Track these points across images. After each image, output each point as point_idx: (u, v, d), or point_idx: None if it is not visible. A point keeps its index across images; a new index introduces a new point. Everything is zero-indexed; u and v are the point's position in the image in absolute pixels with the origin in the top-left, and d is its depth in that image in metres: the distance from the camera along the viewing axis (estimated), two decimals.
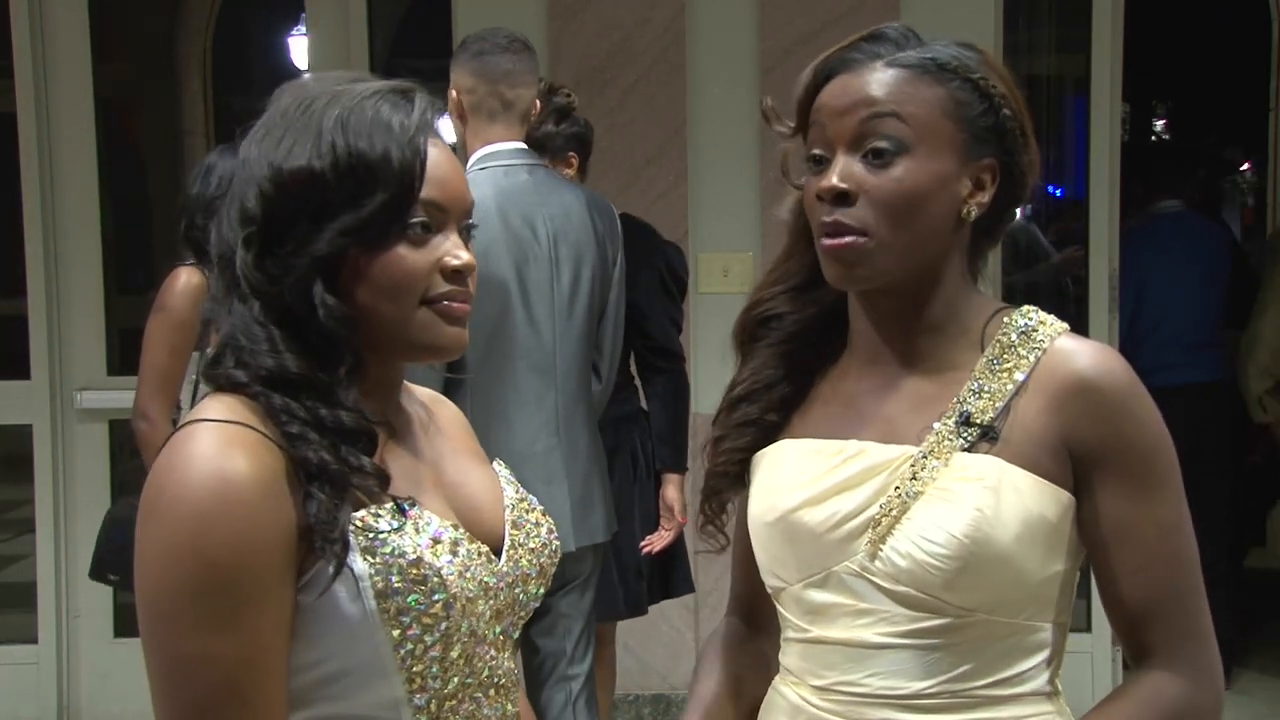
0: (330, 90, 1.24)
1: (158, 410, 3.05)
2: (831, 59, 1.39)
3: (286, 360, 1.19)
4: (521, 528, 1.35)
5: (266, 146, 1.22)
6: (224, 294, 1.23)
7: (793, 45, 3.97)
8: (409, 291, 1.23)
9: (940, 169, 1.35)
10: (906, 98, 1.34)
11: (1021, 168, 1.40)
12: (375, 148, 1.20)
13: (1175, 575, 1.35)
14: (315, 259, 1.19)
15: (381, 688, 1.19)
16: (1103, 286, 4.28)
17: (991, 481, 1.31)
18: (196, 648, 1.11)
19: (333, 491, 1.15)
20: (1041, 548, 1.32)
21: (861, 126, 1.35)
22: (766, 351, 1.49)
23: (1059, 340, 1.37)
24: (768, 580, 1.46)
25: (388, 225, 1.21)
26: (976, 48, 1.41)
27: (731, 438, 1.49)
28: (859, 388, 1.44)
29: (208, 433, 1.15)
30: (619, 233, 3.01)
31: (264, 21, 6.29)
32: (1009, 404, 1.35)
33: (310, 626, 1.17)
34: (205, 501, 1.11)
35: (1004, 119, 1.37)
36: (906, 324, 1.41)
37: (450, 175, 1.27)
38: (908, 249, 1.35)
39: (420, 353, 1.27)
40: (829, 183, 1.35)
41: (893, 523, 1.32)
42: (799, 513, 1.38)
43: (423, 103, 1.25)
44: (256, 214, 1.20)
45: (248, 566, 1.12)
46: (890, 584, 1.33)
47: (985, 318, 1.41)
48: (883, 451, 1.36)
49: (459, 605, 1.21)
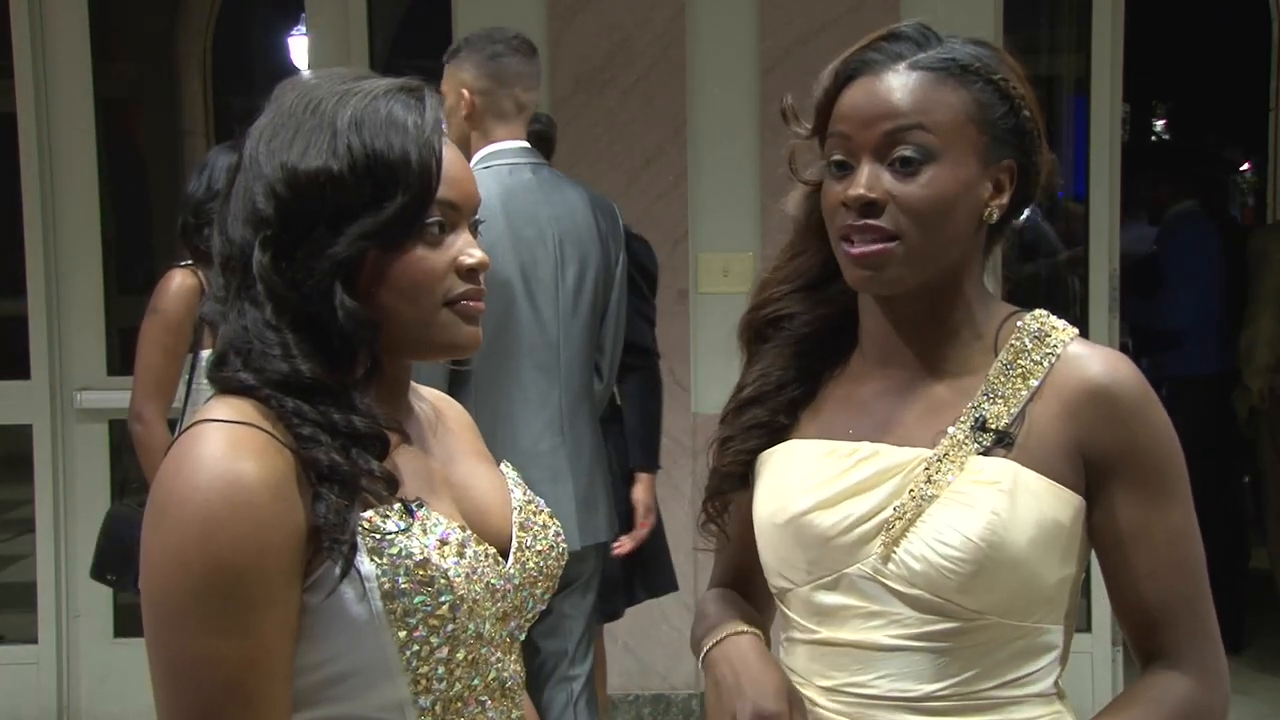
0: (337, 89, 1.23)
1: (153, 412, 3.05)
2: (851, 60, 1.38)
3: (300, 365, 1.18)
4: (529, 530, 1.35)
5: (276, 147, 1.21)
6: (231, 296, 1.22)
7: (793, 45, 3.97)
8: (429, 292, 1.23)
9: (965, 174, 1.34)
10: (932, 104, 1.33)
11: (1037, 167, 1.40)
12: (394, 148, 1.20)
13: (1185, 580, 1.36)
14: (335, 262, 1.18)
15: (387, 689, 1.19)
16: (1103, 286, 4.27)
17: (1006, 485, 1.31)
18: (203, 649, 1.11)
19: (343, 493, 1.15)
20: (1054, 551, 1.33)
21: (888, 136, 1.34)
22: (775, 352, 1.49)
23: (1071, 346, 1.37)
24: (774, 581, 1.46)
25: (407, 227, 1.21)
26: (991, 45, 1.41)
27: (739, 439, 1.49)
28: (871, 389, 1.43)
29: (216, 434, 1.15)
30: (621, 232, 3.00)
31: (264, 21, 6.28)
32: (1023, 409, 1.35)
33: (316, 627, 1.16)
34: (213, 504, 1.11)
35: (1024, 120, 1.37)
36: (923, 328, 1.41)
37: (462, 174, 1.27)
38: (934, 255, 1.35)
39: (439, 352, 1.28)
40: (857, 192, 1.34)
41: (907, 525, 1.32)
42: (810, 515, 1.38)
43: (433, 101, 1.25)
44: (271, 216, 1.19)
45: (255, 568, 1.12)
46: (903, 587, 1.33)
47: (998, 321, 1.41)
48: (897, 454, 1.36)
49: (466, 607, 1.21)
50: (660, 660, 4.18)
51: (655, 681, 4.21)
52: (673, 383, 4.05)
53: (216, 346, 1.23)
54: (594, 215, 2.88)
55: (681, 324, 4.08)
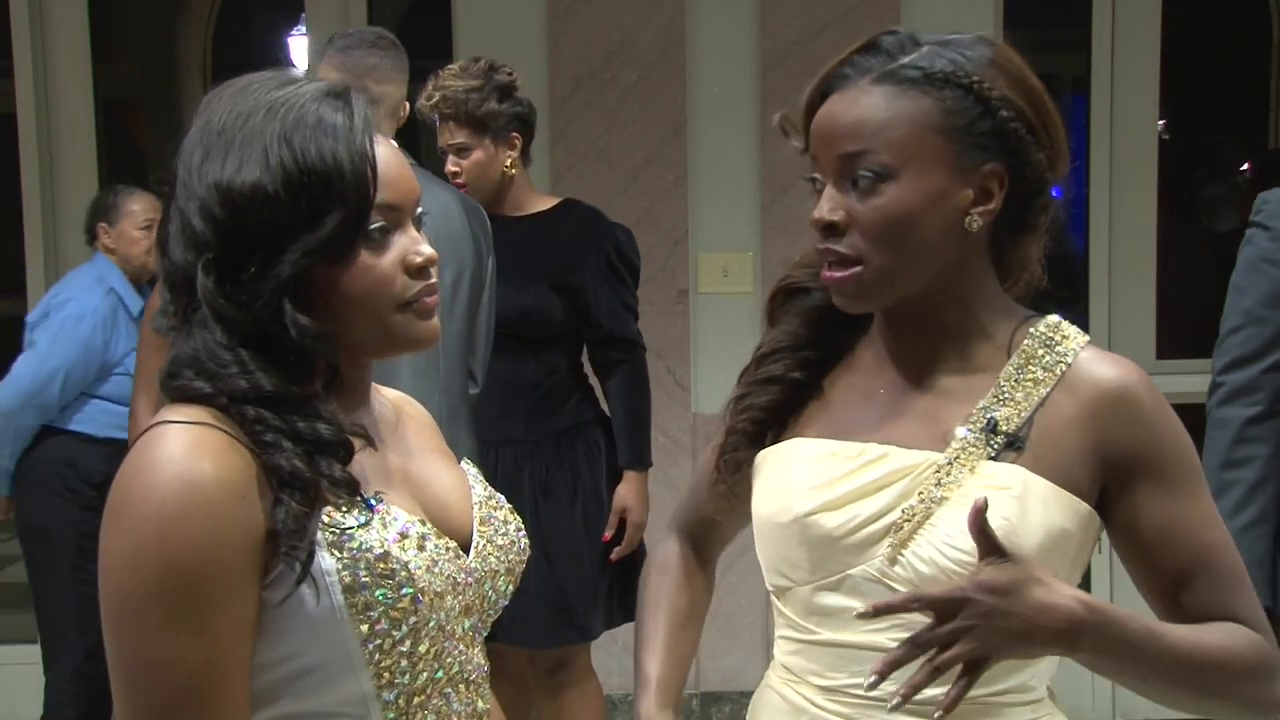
0: (264, 100, 1.21)
1: (153, 413, 3.04)
2: (828, 77, 1.38)
3: (260, 379, 1.17)
4: (490, 524, 1.35)
5: (209, 165, 1.19)
6: (178, 316, 1.21)
7: (793, 45, 3.96)
8: (382, 298, 1.22)
9: (930, 186, 1.33)
10: (889, 120, 1.33)
11: (1033, 164, 1.36)
12: (325, 159, 1.18)
13: (1225, 562, 1.36)
14: (281, 281, 1.17)
15: (350, 683, 1.19)
16: (1103, 286, 4.28)
17: (1017, 491, 1.32)
18: (160, 650, 1.11)
19: (303, 499, 1.15)
20: (1060, 559, 1.33)
21: (845, 157, 1.34)
22: (794, 318, 1.50)
23: (1084, 353, 1.38)
24: (772, 579, 1.45)
25: (350, 239, 1.19)
26: (989, 41, 1.39)
27: (754, 395, 1.49)
28: (876, 382, 1.43)
29: (174, 434, 1.14)
30: (490, 230, 2.93)
31: (264, 21, 6.29)
32: (1034, 414, 1.35)
33: (277, 623, 1.16)
34: (170, 504, 1.11)
35: (1003, 121, 1.34)
36: (924, 330, 1.41)
37: (399, 172, 1.25)
38: (905, 270, 1.35)
39: (398, 350, 1.28)
40: (819, 215, 1.35)
41: (915, 528, 1.32)
42: (816, 516, 1.37)
43: (360, 103, 1.23)
44: (210, 239, 1.18)
45: (212, 568, 1.11)
46: (908, 589, 1.32)
47: (1013, 324, 1.41)
48: (906, 456, 1.36)
49: (427, 600, 1.21)
50: None
51: None
52: (673, 383, 4.05)
53: (166, 363, 1.21)
54: (466, 216, 2.82)
55: (681, 324, 4.08)
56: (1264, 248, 2.26)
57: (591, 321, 3.16)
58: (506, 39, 4.03)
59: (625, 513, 3.17)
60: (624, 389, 3.20)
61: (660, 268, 4.03)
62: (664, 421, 3.97)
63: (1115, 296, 4.29)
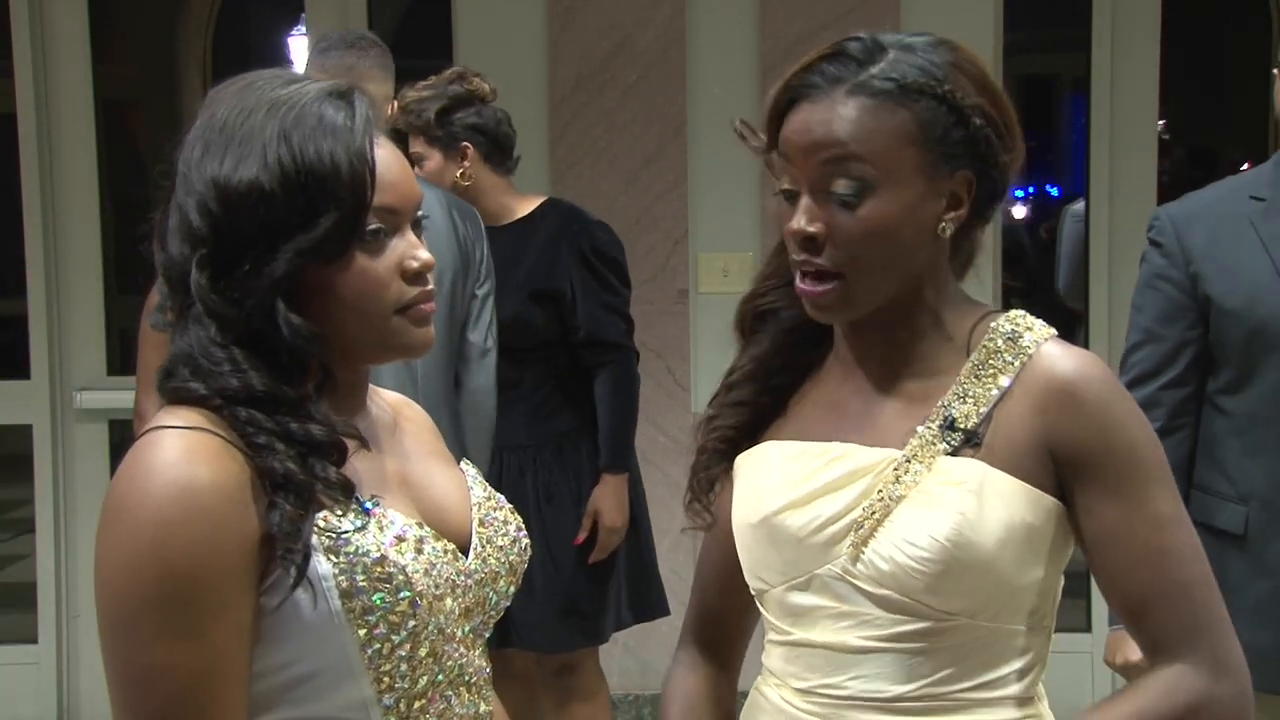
0: (268, 97, 1.21)
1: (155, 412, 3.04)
2: (792, 84, 1.37)
3: (252, 379, 1.17)
4: (489, 526, 1.35)
5: (208, 160, 1.19)
6: (175, 313, 1.21)
7: (793, 45, 3.96)
8: (377, 302, 1.22)
9: (908, 197, 1.33)
10: (869, 134, 1.32)
11: (1000, 169, 1.38)
12: (324, 159, 1.18)
13: (1175, 568, 1.33)
14: (274, 280, 1.17)
15: (350, 688, 1.18)
16: (1103, 286, 4.27)
17: (974, 485, 1.31)
18: (157, 657, 1.10)
19: (298, 502, 1.14)
20: (1024, 553, 1.32)
21: (825, 168, 1.33)
22: (764, 340, 1.50)
23: (1045, 346, 1.37)
24: (752, 583, 1.46)
25: (344, 241, 1.19)
26: (949, 44, 1.38)
27: (723, 416, 1.50)
28: (844, 390, 1.44)
29: (170, 440, 1.14)
30: (483, 232, 2.92)
31: (264, 21, 6.29)
32: (993, 409, 1.35)
33: (275, 629, 1.16)
34: (166, 510, 1.10)
35: (975, 129, 1.34)
36: (891, 333, 1.41)
37: (399, 175, 1.25)
38: (882, 279, 1.36)
39: (392, 356, 1.27)
40: (796, 226, 1.34)
41: (875, 526, 1.32)
42: (782, 515, 1.38)
43: (362, 103, 1.23)
44: (205, 234, 1.18)
45: (208, 574, 1.11)
46: (872, 587, 1.33)
47: (971, 322, 1.41)
48: (866, 455, 1.36)
49: (425, 603, 1.20)
50: (660, 660, 4.18)
51: (655, 681, 4.21)
52: (672, 383, 4.05)
53: (164, 360, 1.21)
54: (451, 217, 2.81)
55: (681, 324, 4.08)
56: (1157, 265, 2.29)
57: (570, 326, 3.15)
58: (506, 39, 4.04)
59: (598, 516, 3.16)
60: (604, 390, 3.18)
61: (660, 268, 4.03)
62: (664, 421, 3.98)
63: (1115, 297, 4.28)
